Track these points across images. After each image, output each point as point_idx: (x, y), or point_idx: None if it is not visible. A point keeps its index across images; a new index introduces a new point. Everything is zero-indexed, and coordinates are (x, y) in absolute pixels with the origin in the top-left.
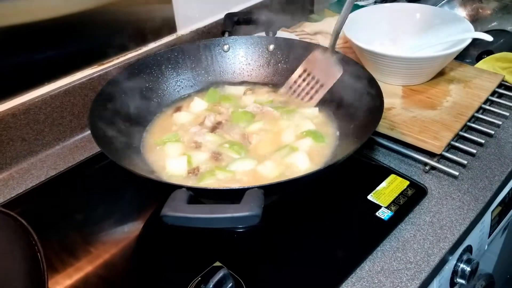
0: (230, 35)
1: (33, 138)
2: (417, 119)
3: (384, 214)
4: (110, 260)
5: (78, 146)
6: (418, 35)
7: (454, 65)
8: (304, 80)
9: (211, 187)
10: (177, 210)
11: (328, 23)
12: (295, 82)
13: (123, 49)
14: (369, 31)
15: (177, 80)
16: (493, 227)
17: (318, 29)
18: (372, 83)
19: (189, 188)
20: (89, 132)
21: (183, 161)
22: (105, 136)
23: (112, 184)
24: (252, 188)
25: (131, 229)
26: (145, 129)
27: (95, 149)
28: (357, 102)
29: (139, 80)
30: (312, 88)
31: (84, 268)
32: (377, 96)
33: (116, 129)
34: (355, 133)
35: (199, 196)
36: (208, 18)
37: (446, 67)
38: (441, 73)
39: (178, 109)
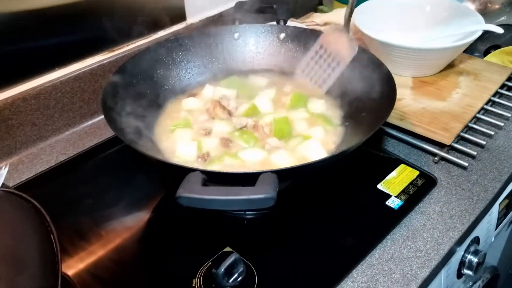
0: (240, 23)
1: (43, 123)
2: (426, 110)
3: (394, 203)
4: (121, 244)
5: (88, 132)
6: (429, 27)
7: (464, 57)
8: (321, 56)
9: (226, 171)
10: (192, 191)
11: (337, 14)
12: (311, 58)
13: (133, 36)
14: (380, 22)
15: (187, 68)
16: (500, 219)
17: (327, 20)
18: (385, 72)
19: (203, 172)
20: (98, 118)
21: (193, 146)
22: (117, 121)
23: (122, 170)
24: (266, 172)
25: (142, 214)
26: (157, 115)
27: (104, 135)
28: (369, 91)
29: (151, 67)
30: (329, 65)
31: (95, 252)
32: (389, 85)
33: (128, 115)
34: (366, 122)
35: (213, 180)
36: (218, 7)
37: (456, 59)
38: (450, 65)
39: (191, 95)
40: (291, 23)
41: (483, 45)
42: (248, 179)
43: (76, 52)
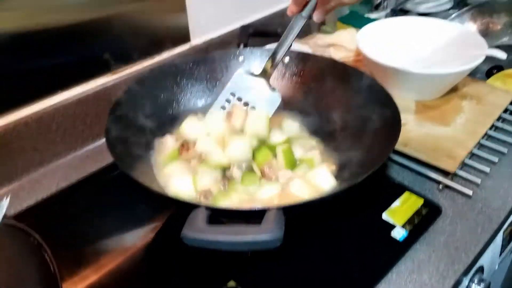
0: (245, 47)
1: (44, 147)
2: (430, 135)
3: (399, 234)
4: (121, 275)
5: (89, 156)
6: (432, 50)
7: (467, 80)
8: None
9: (231, 208)
10: (198, 231)
11: (340, 36)
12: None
13: (137, 58)
14: (382, 44)
15: (191, 91)
16: (504, 246)
17: (330, 42)
18: (388, 99)
19: (207, 208)
20: (100, 142)
21: (187, 182)
22: (119, 149)
23: (124, 196)
24: (272, 208)
25: (143, 243)
26: (160, 141)
27: (106, 159)
28: (372, 117)
29: (154, 91)
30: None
31: (96, 282)
32: (393, 114)
33: (131, 141)
34: (371, 149)
35: (218, 215)
36: (222, 28)
37: (459, 82)
38: (454, 89)
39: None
40: (294, 44)
41: (486, 65)
42: (254, 215)
43: (79, 75)
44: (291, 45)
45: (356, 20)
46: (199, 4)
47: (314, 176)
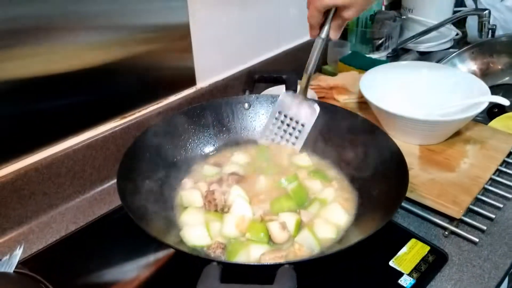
0: (250, 93)
1: (53, 191)
2: (436, 181)
3: (406, 282)
4: None
5: (98, 199)
6: (434, 93)
7: (469, 124)
8: (282, 122)
9: (242, 263)
10: None
11: (342, 78)
12: (273, 124)
13: (145, 102)
14: (385, 87)
15: (199, 137)
16: None
17: (333, 84)
18: (395, 154)
19: (219, 263)
20: (108, 184)
21: (204, 233)
22: (131, 200)
23: (133, 240)
24: (283, 264)
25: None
26: (170, 189)
27: (114, 202)
28: (380, 168)
29: (163, 139)
30: (294, 128)
31: None
32: (401, 166)
33: (142, 190)
34: (379, 199)
35: (230, 270)
36: (227, 71)
37: (463, 127)
38: (457, 133)
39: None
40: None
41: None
42: (266, 271)
43: (88, 120)
44: (317, 62)
45: (358, 60)
46: (204, 47)
47: (327, 212)
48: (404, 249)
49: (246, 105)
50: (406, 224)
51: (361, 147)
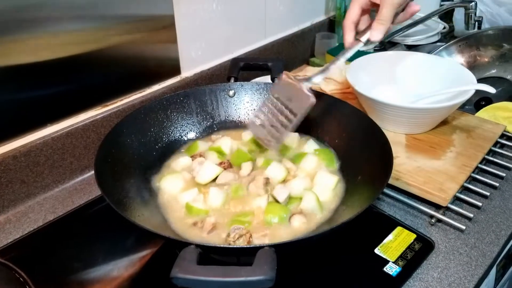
0: (235, 80)
1: (32, 180)
2: (421, 169)
3: (392, 269)
4: None
5: (78, 189)
6: (421, 83)
7: (456, 114)
8: (275, 107)
9: (221, 246)
10: (188, 272)
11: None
12: (268, 110)
13: (127, 91)
14: (372, 77)
15: (182, 125)
16: (497, 280)
17: None
18: (379, 134)
19: (197, 245)
20: (89, 174)
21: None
22: (111, 185)
23: (112, 229)
24: (263, 247)
25: (131, 277)
26: (151, 174)
27: (94, 192)
28: (364, 153)
29: (145, 125)
30: (286, 117)
31: None
32: (385, 150)
33: (122, 177)
34: (363, 183)
35: (209, 253)
36: (212, 61)
37: (449, 116)
38: (444, 122)
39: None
40: (284, 77)
41: (474, 97)
42: (245, 253)
43: (68, 108)
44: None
45: None
46: (190, 37)
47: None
48: (389, 237)
49: (231, 92)
50: (392, 212)
51: (348, 133)
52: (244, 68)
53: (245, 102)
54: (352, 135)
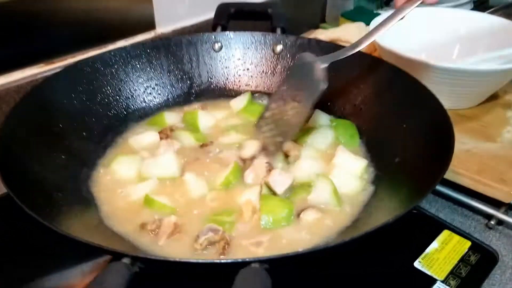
0: (223, 30)
1: None
2: (473, 153)
3: None
4: None
5: None
6: (464, 43)
7: (509, 87)
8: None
9: (168, 258)
10: None
11: (346, 30)
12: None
13: (82, 46)
14: (402, 35)
15: (146, 87)
16: None
17: (334, 36)
18: (431, 102)
19: (135, 258)
20: None
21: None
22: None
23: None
24: (248, 263)
25: None
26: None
27: None
28: (403, 127)
29: (94, 83)
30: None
31: None
32: (441, 125)
33: (47, 152)
34: (401, 169)
35: (157, 271)
36: (197, 16)
37: (500, 89)
38: (493, 97)
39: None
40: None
41: None
42: (218, 272)
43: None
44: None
45: (363, 17)
46: None
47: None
48: (434, 244)
49: (217, 45)
50: (434, 210)
51: (378, 98)
52: (235, 16)
53: (236, 59)
54: (385, 101)
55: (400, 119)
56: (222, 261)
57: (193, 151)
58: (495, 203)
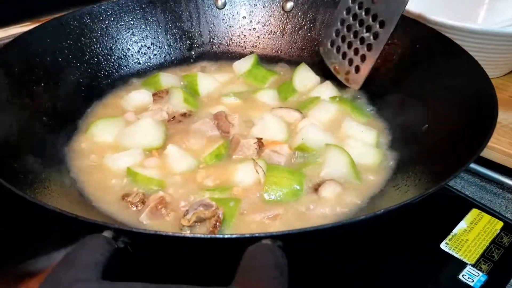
0: None
1: None
2: (504, 126)
3: (472, 277)
4: None
5: None
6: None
7: None
8: (355, 18)
9: (152, 231)
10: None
11: None
12: (342, 23)
13: (72, 4)
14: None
15: (141, 46)
16: None
17: None
18: (466, 61)
19: (118, 231)
20: None
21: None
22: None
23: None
24: (258, 238)
25: None
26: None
27: None
28: (442, 95)
29: (81, 39)
30: (368, 31)
31: None
32: (480, 89)
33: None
34: (429, 140)
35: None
36: None
37: None
38: None
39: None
40: None
41: None
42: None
43: None
44: None
45: None
46: None
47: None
48: (462, 225)
49: (220, 1)
50: (460, 187)
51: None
52: None
53: (241, 17)
54: (419, 66)
55: (435, 85)
56: (226, 236)
57: (182, 118)
58: None
